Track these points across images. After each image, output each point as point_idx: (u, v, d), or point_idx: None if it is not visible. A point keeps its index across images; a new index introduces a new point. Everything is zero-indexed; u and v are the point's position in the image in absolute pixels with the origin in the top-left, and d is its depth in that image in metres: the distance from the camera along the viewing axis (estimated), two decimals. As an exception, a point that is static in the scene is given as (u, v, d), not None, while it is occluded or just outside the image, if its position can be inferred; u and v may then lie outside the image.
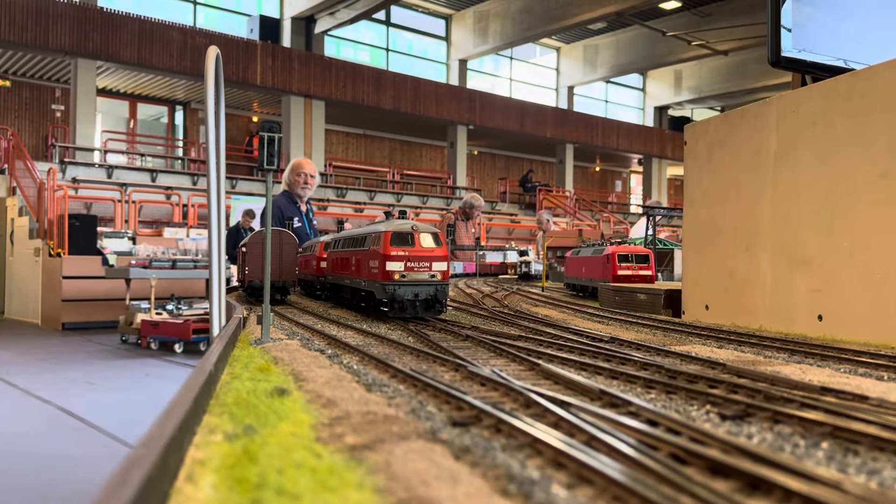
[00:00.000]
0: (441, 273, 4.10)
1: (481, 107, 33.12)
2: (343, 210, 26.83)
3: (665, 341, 3.61)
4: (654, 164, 41.25)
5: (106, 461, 6.98)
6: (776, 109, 4.28)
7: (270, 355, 2.78)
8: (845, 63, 4.42)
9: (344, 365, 2.56)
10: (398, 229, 4.13)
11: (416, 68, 34.60)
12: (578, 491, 1.21)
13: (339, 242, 5.51)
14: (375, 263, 4.14)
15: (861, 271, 3.61)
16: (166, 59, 24.97)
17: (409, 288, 4.02)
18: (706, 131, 4.92)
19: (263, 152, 3.20)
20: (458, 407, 1.83)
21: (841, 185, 3.77)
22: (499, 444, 1.50)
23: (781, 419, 1.77)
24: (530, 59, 40.47)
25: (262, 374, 2.34)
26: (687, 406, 1.98)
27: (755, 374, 2.40)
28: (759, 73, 36.11)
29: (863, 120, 3.62)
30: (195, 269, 16.41)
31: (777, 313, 4.22)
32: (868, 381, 2.38)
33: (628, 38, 36.44)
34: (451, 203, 30.31)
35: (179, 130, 31.29)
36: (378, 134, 35.64)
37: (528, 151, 39.53)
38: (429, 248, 4.11)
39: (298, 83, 28.18)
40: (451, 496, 1.16)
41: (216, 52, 2.98)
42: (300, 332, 3.72)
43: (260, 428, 1.62)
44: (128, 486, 0.92)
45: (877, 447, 1.50)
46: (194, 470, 1.31)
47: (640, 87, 44.30)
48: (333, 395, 1.97)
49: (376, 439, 1.52)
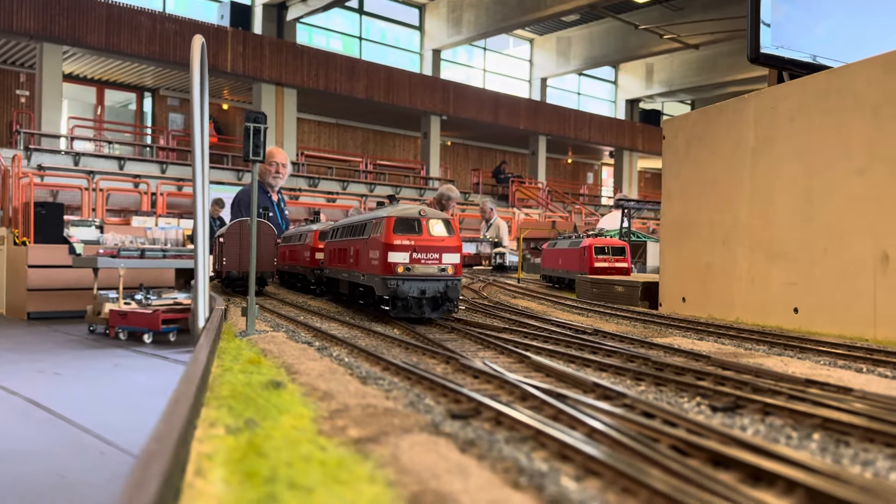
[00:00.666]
0: (452, 266, 3.62)
1: (455, 97, 33.09)
2: (315, 200, 26.65)
3: (646, 333, 3.66)
4: (626, 156, 41.62)
5: (77, 453, 6.89)
6: (754, 105, 4.35)
7: (258, 348, 2.76)
8: (815, 59, 4.50)
9: (334, 357, 2.56)
10: (403, 214, 3.68)
11: (389, 57, 34.43)
12: (588, 483, 1.24)
13: (336, 231, 5.04)
14: (375, 254, 3.69)
15: (836, 265, 3.69)
16: (135, 44, 24.53)
17: (414, 283, 3.54)
18: (685, 126, 4.99)
19: (249, 143, 3.17)
20: (456, 399, 1.85)
21: (818, 180, 3.85)
22: (502, 437, 1.52)
23: (772, 411, 1.81)
24: (504, 50, 40.52)
25: (253, 366, 2.33)
26: (678, 398, 2.02)
27: (740, 367, 2.45)
28: (729, 66, 36.59)
29: (840, 117, 3.70)
30: (164, 258, 16.21)
31: (753, 306, 4.30)
32: (848, 374, 2.44)
33: (601, 30, 36.65)
34: (425, 194, 30.28)
35: (148, 117, 30.79)
36: (351, 123, 35.45)
37: (501, 142, 39.62)
38: (438, 236, 3.64)
39: (270, 71, 27.88)
40: (463, 489, 1.18)
41: (201, 41, 2.94)
42: (284, 323, 3.70)
43: (261, 421, 1.62)
44: (150, 482, 0.92)
45: (867, 438, 1.55)
46: (202, 464, 1.31)
47: (612, 80, 44.60)
48: (329, 388, 1.97)
49: (380, 432, 1.53)
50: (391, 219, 3.64)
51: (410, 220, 3.67)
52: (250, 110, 3.25)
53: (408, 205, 4.05)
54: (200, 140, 2.93)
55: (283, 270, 6.92)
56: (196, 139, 2.88)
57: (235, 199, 9.69)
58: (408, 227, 3.65)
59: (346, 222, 4.79)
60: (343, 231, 4.76)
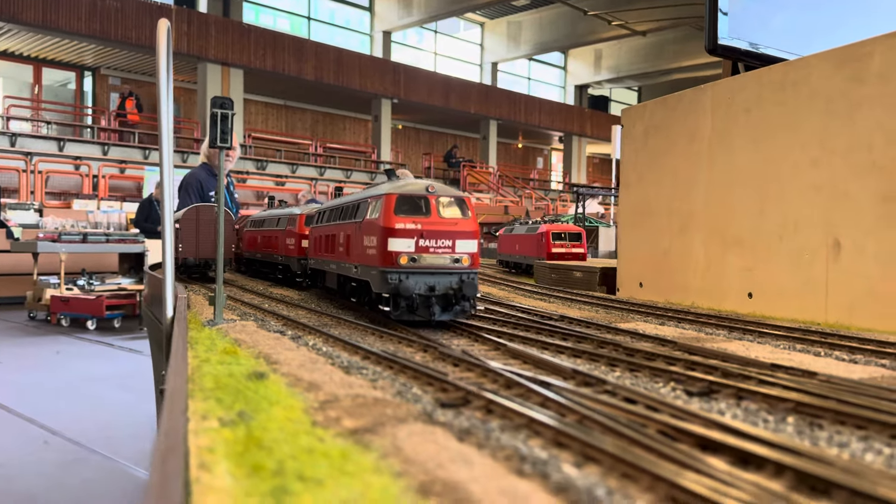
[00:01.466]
0: (469, 256, 3.00)
1: (406, 80, 32.90)
2: (263, 183, 26.25)
3: (610, 318, 3.75)
4: (575, 141, 42.09)
5: (20, 444, 6.70)
6: (711, 96, 4.47)
7: (231, 338, 2.74)
8: (758, 48, 4.63)
9: (311, 347, 2.56)
10: (406, 191, 3.04)
11: (338, 38, 33.97)
12: (588, 469, 1.28)
13: (323, 215, 4.39)
14: (372, 241, 3.06)
15: (790, 252, 3.84)
16: (74, 21, 23.62)
17: (421, 278, 2.93)
18: (643, 115, 5.09)
19: (216, 129, 3.12)
20: (443, 388, 1.87)
21: (772, 170, 3.98)
22: (497, 426, 1.56)
23: (745, 395, 1.89)
24: (455, 33, 40.39)
25: (230, 357, 2.31)
26: (653, 383, 2.09)
27: (706, 352, 2.54)
28: (675, 53, 37.24)
29: (795, 109, 3.83)
30: (107, 242, 15.79)
31: (709, 291, 4.44)
32: (808, 357, 2.56)
33: (551, 15, 36.85)
34: (376, 178, 30.11)
35: (88, 97, 29.75)
36: (300, 105, 34.91)
37: (452, 127, 39.60)
38: (451, 219, 3.00)
39: (216, 50, 27.22)
40: (470, 478, 1.21)
41: (167, 25, 2.87)
42: (250, 312, 3.67)
43: (253, 413, 1.61)
44: (173, 479, 0.92)
45: (838, 421, 1.63)
46: (203, 458, 1.31)
47: (562, 66, 44.95)
48: (314, 379, 1.98)
49: (375, 423, 1.55)
50: (391, 196, 2.99)
51: (416, 199, 3.01)
52: (217, 96, 3.17)
53: (412, 178, 3.50)
54: (167, 125, 2.87)
55: (253, 259, 6.38)
56: (163, 124, 2.82)
57: (183, 182, 9.48)
58: (413, 206, 3.00)
59: (335, 203, 4.14)
60: (331, 214, 4.09)
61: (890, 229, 3.27)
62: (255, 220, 6.49)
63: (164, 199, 2.87)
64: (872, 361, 2.47)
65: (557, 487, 1.18)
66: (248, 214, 7.53)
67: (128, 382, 10.01)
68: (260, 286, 5.37)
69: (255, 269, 6.42)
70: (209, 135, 3.14)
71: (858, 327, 3.32)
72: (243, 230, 6.72)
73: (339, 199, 4.23)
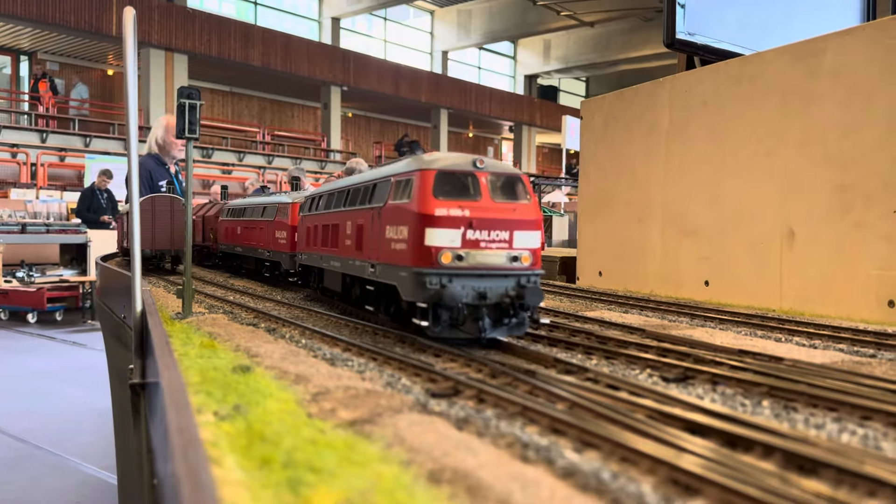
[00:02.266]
0: (530, 254, 2.38)
1: (356, 68, 32.62)
2: (209, 172, 25.73)
3: (575, 307, 3.83)
4: (525, 131, 42.44)
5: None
6: (669, 89, 4.58)
7: (204, 331, 2.71)
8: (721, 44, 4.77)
9: (288, 339, 2.55)
10: (449, 166, 2.39)
11: (286, 24, 33.43)
12: (589, 455, 1.33)
13: (319, 200, 3.72)
14: (401, 233, 2.42)
15: (745, 241, 3.98)
16: (9, 2, 22.68)
17: (469, 282, 2.29)
18: (602, 107, 5.18)
19: (183, 120, 3.06)
20: (431, 379, 1.90)
21: (728, 161, 4.12)
22: (493, 414, 1.59)
23: (719, 381, 1.97)
24: (404, 20, 40.17)
25: (209, 351, 2.30)
26: (630, 370, 2.16)
27: (674, 339, 2.63)
28: (623, 45, 37.81)
29: (750, 102, 3.97)
30: (48, 233, 15.29)
31: (666, 279, 4.57)
32: (770, 343, 2.67)
33: (501, 4, 36.97)
34: (326, 166, 29.85)
35: (25, 83, 28.63)
36: (246, 92, 34.29)
37: (403, 115, 39.47)
38: (507, 203, 2.38)
39: (159, 35, 26.51)
40: (478, 464, 1.24)
41: (133, 13, 2.81)
42: (217, 304, 3.63)
43: (248, 406, 1.62)
44: (203, 469, 0.93)
45: (811, 404, 1.72)
46: (210, 452, 1.31)
47: (512, 56, 45.19)
48: (300, 371, 1.98)
49: (372, 413, 1.57)
50: (429, 173, 2.36)
51: (462, 176, 2.38)
52: (184, 86, 3.12)
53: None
54: (134, 115, 2.81)
55: (231, 253, 5.74)
56: (130, 114, 2.76)
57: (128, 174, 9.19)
58: (457, 186, 2.36)
59: (338, 185, 3.49)
60: (332, 199, 3.44)
61: (842, 219, 3.42)
62: (235, 209, 5.77)
63: (131, 188, 2.81)
64: (830, 346, 2.59)
65: (565, 472, 1.22)
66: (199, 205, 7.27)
67: (73, 376, 9.76)
68: (220, 278, 5.30)
69: (235, 264, 5.73)
70: (176, 125, 3.09)
71: (812, 313, 3.47)
72: (218, 220, 6.10)
73: (343, 179, 3.57)
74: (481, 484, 1.16)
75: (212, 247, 6.30)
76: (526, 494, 1.11)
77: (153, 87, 26.56)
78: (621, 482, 1.19)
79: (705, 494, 1.13)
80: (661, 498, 1.13)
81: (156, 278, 5.25)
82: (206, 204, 7.10)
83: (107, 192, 16.39)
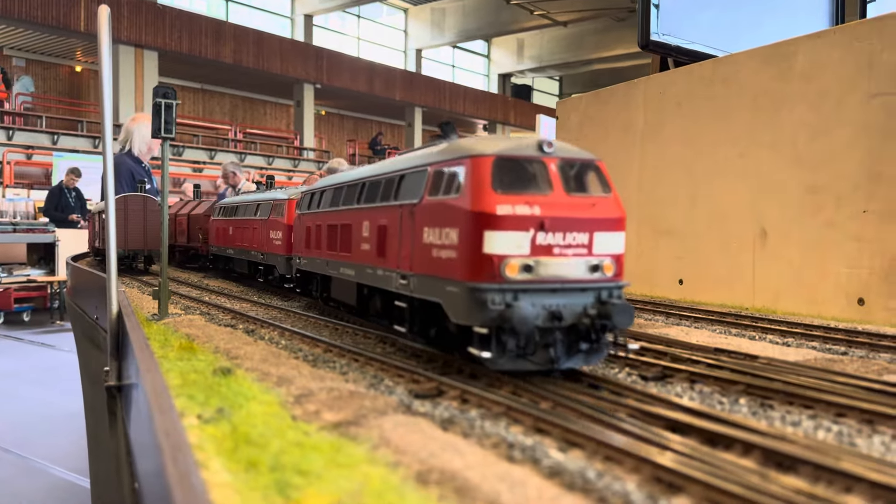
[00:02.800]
0: (613, 261, 1.95)
1: (329, 65, 32.43)
2: (180, 170, 25.40)
3: (552, 306, 3.86)
4: (499, 129, 42.53)
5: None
6: (643, 90, 4.63)
7: (182, 332, 2.69)
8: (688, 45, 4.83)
9: (268, 341, 2.54)
10: (509, 151, 1.95)
11: (257, 21, 33.12)
12: (573, 454, 1.35)
13: (322, 196, 3.23)
14: (450, 238, 1.95)
15: (719, 241, 4.05)
16: (-31, -5, 22.18)
17: (540, 299, 1.85)
18: (577, 107, 5.22)
19: (159, 119, 3.03)
20: (414, 380, 1.91)
21: (702, 162, 4.18)
22: (477, 414, 1.61)
23: (697, 379, 2.00)
24: (378, 18, 40.04)
25: (188, 353, 2.28)
26: (608, 370, 2.19)
27: (650, 337, 2.66)
28: (595, 44, 38.07)
29: (724, 103, 4.03)
30: (14, 232, 15.00)
31: (642, 278, 4.62)
32: (745, 341, 2.71)
33: (474, 3, 37.01)
34: (299, 164, 29.66)
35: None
36: (218, 89, 33.91)
37: (377, 113, 39.33)
38: (583, 198, 1.95)
39: (128, 31, 26.09)
40: (465, 465, 1.25)
41: (107, 11, 2.77)
42: (193, 305, 3.60)
43: (231, 409, 1.61)
44: (193, 472, 0.93)
45: (787, 401, 1.76)
46: (196, 455, 1.30)
47: (486, 54, 45.27)
48: (282, 373, 1.98)
49: (357, 415, 1.57)
50: (485, 161, 1.90)
51: (526, 163, 1.94)
52: (159, 85, 3.08)
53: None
54: (109, 114, 2.77)
55: (222, 255, 5.32)
56: (105, 113, 2.73)
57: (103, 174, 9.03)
58: (523, 177, 1.92)
59: (346, 178, 3.01)
60: (341, 194, 2.98)
61: (813, 219, 3.49)
62: (227, 207, 5.33)
63: (106, 188, 2.77)
64: (803, 344, 2.65)
65: (551, 472, 1.24)
66: (182, 203, 7.13)
67: (41, 378, 9.59)
68: (194, 277, 5.25)
69: (226, 268, 5.33)
70: (152, 125, 3.05)
71: (784, 311, 3.54)
72: (209, 219, 5.71)
73: (355, 170, 3.09)
74: (469, 485, 1.17)
75: (200, 248, 5.90)
76: (514, 495, 1.13)
77: (122, 85, 26.15)
78: (606, 481, 1.21)
79: (688, 492, 1.16)
80: (645, 496, 1.15)
81: (129, 279, 5.18)
82: (190, 201, 6.92)
83: (75, 191, 16.11)
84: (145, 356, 1.79)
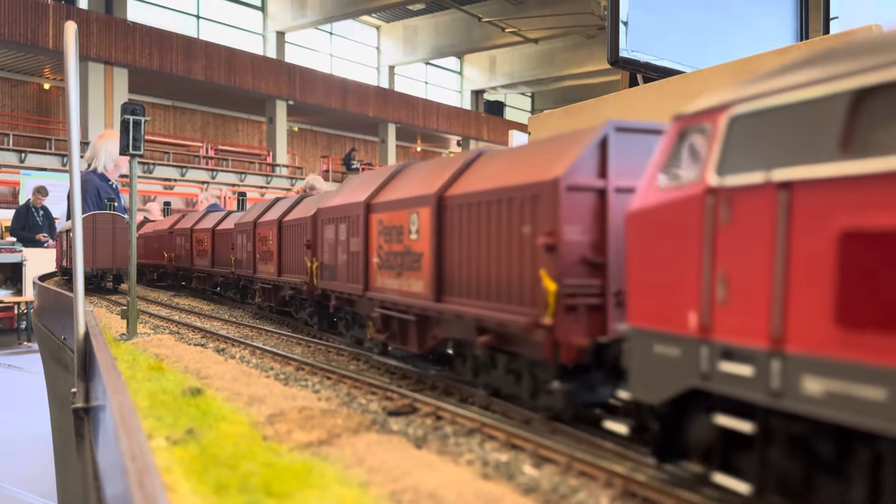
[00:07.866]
0: None
1: (301, 82, 32.36)
2: (150, 187, 25.13)
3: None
4: (472, 145, 42.70)
5: None
6: (613, 105, 4.68)
7: (150, 352, 2.65)
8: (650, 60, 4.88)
9: (239, 359, 2.51)
10: None
11: (229, 38, 33.00)
12: (547, 469, 1.34)
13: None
14: None
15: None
16: (-64, 11, 21.82)
17: None
18: (549, 123, 5.26)
19: (128, 136, 2.99)
20: (388, 397, 1.89)
21: (672, 176, 4.22)
22: (451, 431, 1.59)
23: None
24: (351, 35, 40.12)
25: (156, 373, 2.24)
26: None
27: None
28: (566, 61, 38.51)
29: (692, 119, 4.07)
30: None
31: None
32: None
33: (446, 20, 37.26)
34: (272, 181, 29.53)
35: (-47, 95, 27.52)
36: (189, 106, 33.65)
37: (350, 129, 39.29)
38: None
39: (98, 48, 25.84)
40: (440, 483, 1.24)
41: (74, 28, 2.74)
42: (162, 324, 3.54)
43: (201, 430, 1.58)
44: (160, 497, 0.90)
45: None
46: (164, 478, 1.27)
47: (458, 71, 45.56)
48: (253, 392, 1.95)
49: (329, 434, 1.55)
50: None
51: None
52: (128, 102, 3.05)
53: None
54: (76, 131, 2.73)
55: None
56: (72, 131, 2.68)
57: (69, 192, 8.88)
58: None
59: None
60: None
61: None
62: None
63: (73, 206, 2.73)
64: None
65: (526, 489, 1.23)
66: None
67: (8, 400, 9.38)
68: (163, 296, 5.18)
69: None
70: (120, 142, 3.01)
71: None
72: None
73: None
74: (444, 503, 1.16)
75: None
76: (488, 512, 1.11)
77: (92, 102, 25.85)
78: (581, 497, 1.20)
79: (663, 506, 1.15)
80: (620, 511, 1.15)
81: (97, 298, 5.10)
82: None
83: (43, 210, 15.83)
84: (113, 377, 1.75)
